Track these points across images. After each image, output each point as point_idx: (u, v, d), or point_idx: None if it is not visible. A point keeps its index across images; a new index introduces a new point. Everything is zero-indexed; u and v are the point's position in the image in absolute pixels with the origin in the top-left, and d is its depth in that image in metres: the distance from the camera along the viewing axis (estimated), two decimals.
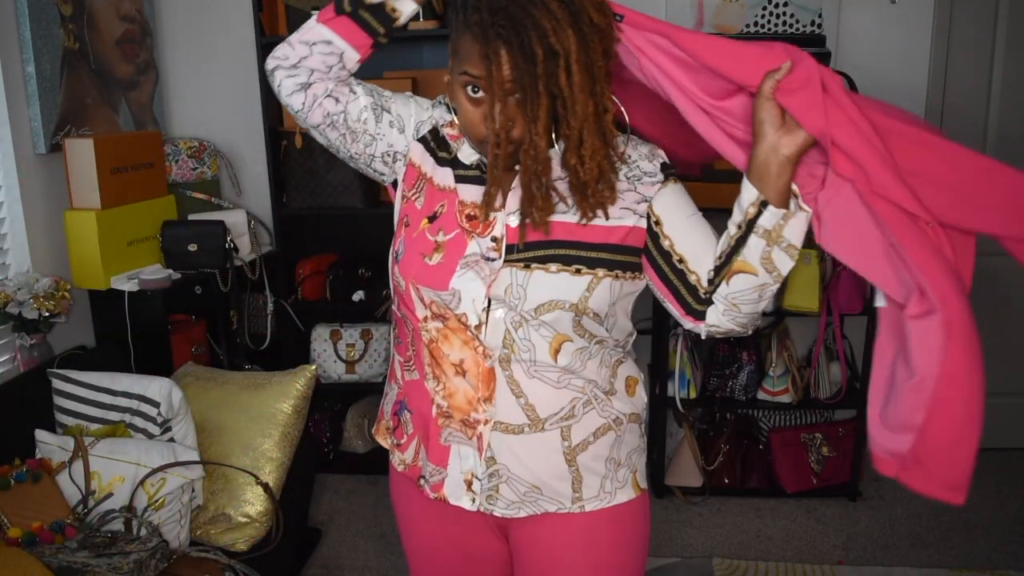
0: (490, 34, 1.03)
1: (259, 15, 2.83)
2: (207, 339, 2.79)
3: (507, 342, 1.17)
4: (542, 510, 1.25)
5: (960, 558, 2.62)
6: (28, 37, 2.28)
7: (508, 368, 1.18)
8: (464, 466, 1.24)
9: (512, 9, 1.02)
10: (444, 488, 1.26)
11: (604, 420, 1.24)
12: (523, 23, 1.01)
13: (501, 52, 1.03)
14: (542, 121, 1.05)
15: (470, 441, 1.22)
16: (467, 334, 1.18)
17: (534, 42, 1.01)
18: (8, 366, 2.27)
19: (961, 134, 3.02)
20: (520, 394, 1.19)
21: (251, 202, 3.13)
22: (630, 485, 1.28)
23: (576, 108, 1.04)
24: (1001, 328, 3.21)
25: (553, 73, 1.02)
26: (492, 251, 1.17)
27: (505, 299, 1.16)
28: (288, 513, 2.17)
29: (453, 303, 1.17)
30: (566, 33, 1.02)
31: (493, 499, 1.24)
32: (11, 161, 2.28)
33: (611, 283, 1.17)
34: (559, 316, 1.16)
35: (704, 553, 2.67)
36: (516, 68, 1.03)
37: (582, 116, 1.05)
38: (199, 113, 3.12)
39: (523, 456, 1.21)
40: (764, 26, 2.94)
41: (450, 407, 1.22)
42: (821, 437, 2.98)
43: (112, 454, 1.89)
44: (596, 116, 1.07)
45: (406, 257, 1.21)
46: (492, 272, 1.16)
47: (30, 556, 1.58)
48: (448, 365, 1.21)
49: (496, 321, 1.16)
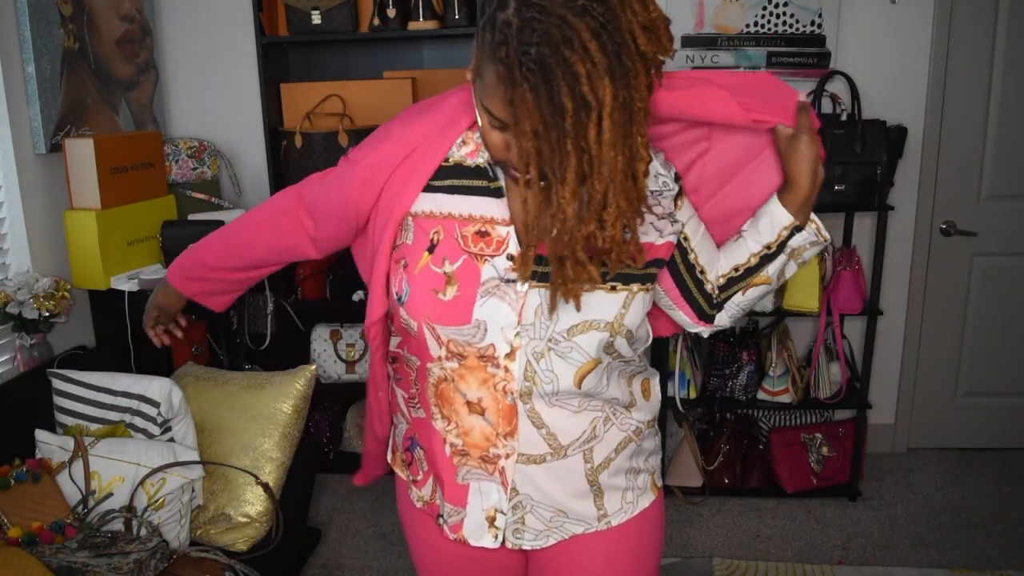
0: (516, 77, 0.89)
1: (259, 15, 2.83)
2: (207, 339, 2.79)
3: (528, 374, 1.11)
4: (569, 534, 1.22)
5: (960, 558, 2.62)
6: (28, 37, 2.28)
7: (529, 401, 1.13)
8: (486, 503, 1.19)
9: (543, 48, 0.87)
10: (463, 529, 1.21)
11: (624, 433, 1.21)
12: (553, 69, 0.87)
13: (528, 98, 0.89)
14: (570, 184, 0.91)
15: (492, 477, 1.17)
16: (487, 371, 1.11)
17: (563, 93, 0.87)
18: (8, 366, 2.27)
19: (961, 134, 3.02)
20: (541, 425, 1.14)
21: (251, 202, 3.13)
22: (649, 489, 1.27)
23: (603, 169, 0.91)
24: (1001, 328, 3.21)
25: (583, 127, 0.89)
26: (511, 271, 1.08)
27: (535, 321, 1.08)
28: (288, 513, 2.17)
29: (477, 336, 1.10)
30: (602, 82, 0.87)
31: (520, 532, 1.21)
32: (11, 161, 2.28)
33: (643, 297, 1.12)
34: (592, 337, 1.08)
35: (704, 553, 2.67)
36: (543, 122, 0.89)
37: (608, 176, 0.92)
38: (199, 113, 3.12)
39: (545, 484, 1.18)
40: (764, 26, 2.94)
41: (465, 445, 1.17)
42: (821, 437, 2.98)
43: (112, 454, 1.89)
44: (625, 173, 0.93)
45: (414, 296, 1.11)
46: (519, 295, 1.08)
47: (30, 556, 1.58)
48: (461, 404, 1.15)
49: (522, 349, 1.10)
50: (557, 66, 0.87)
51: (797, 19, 2.93)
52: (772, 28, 2.94)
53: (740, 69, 2.97)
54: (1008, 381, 3.25)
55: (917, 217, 3.09)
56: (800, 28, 2.93)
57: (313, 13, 2.80)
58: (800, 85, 2.97)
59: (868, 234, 3.05)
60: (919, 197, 3.07)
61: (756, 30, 2.94)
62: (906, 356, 3.24)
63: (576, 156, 0.90)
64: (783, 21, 2.94)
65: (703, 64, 2.96)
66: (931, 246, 3.10)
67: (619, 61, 0.88)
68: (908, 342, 3.22)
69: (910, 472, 3.18)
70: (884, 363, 3.21)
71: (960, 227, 3.06)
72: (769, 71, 1.06)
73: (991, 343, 3.22)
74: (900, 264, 3.12)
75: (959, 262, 3.13)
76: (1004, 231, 3.10)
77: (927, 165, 3.04)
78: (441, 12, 2.83)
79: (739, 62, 2.96)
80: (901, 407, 3.29)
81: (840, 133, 2.71)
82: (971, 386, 3.28)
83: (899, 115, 2.95)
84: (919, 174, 3.05)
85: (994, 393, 3.28)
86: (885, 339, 3.17)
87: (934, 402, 3.30)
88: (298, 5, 2.80)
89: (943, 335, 3.22)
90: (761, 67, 2.96)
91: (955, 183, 3.07)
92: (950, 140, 3.03)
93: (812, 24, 2.93)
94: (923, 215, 3.08)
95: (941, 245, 3.11)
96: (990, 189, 3.08)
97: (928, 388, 3.28)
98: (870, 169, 2.71)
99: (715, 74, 1.11)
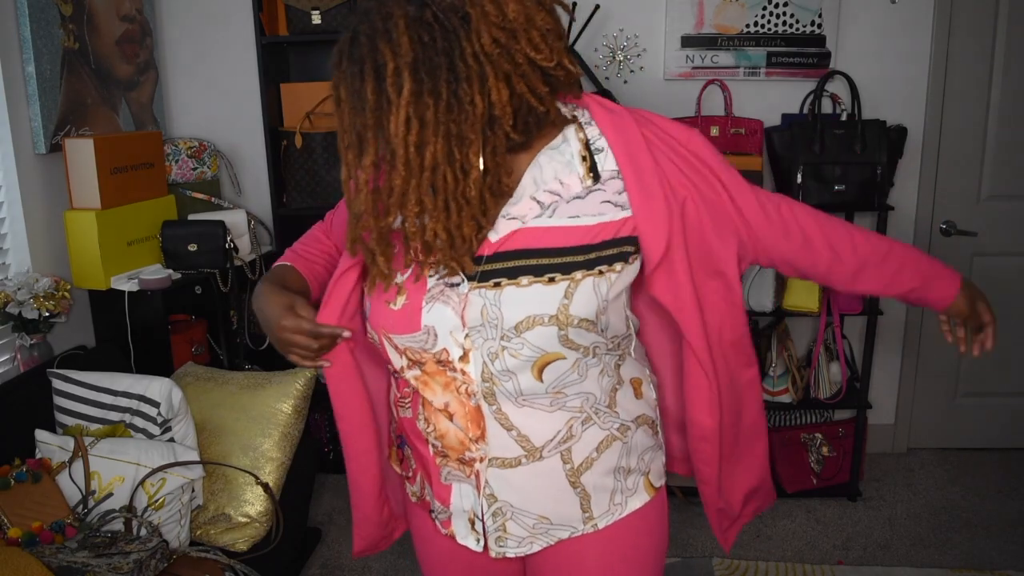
0: (339, 62, 0.97)
1: (259, 15, 2.83)
2: (207, 339, 2.78)
3: (486, 375, 1.09)
4: (555, 539, 1.20)
5: (960, 558, 2.62)
6: (28, 37, 2.28)
7: (494, 403, 1.11)
8: (465, 504, 1.19)
9: (362, 38, 0.94)
10: (452, 525, 1.23)
11: (607, 432, 1.17)
12: (364, 59, 0.93)
13: (341, 85, 0.96)
14: (366, 171, 0.97)
15: (469, 480, 1.17)
16: (447, 375, 1.11)
17: (368, 84, 0.93)
18: (8, 366, 2.27)
19: (961, 134, 3.02)
20: (511, 427, 1.13)
21: (251, 202, 3.13)
22: (642, 489, 1.23)
23: (398, 165, 0.94)
24: (1001, 328, 3.19)
25: (384, 118, 0.93)
26: (454, 277, 1.08)
27: (484, 322, 1.07)
28: (288, 513, 2.17)
29: (429, 342, 1.10)
30: (405, 77, 0.91)
31: (503, 540, 1.19)
32: (11, 161, 2.28)
33: (595, 283, 1.07)
34: (541, 332, 1.06)
35: (704, 553, 2.67)
36: (351, 109, 0.96)
37: (405, 173, 0.95)
38: (199, 113, 3.12)
39: (524, 489, 1.16)
40: (764, 26, 2.94)
41: (444, 447, 1.17)
42: (821, 437, 2.98)
43: (112, 454, 1.89)
44: (435, 171, 0.95)
45: (373, 309, 1.13)
46: (460, 297, 1.07)
47: (30, 556, 1.58)
48: (434, 409, 1.15)
49: (476, 350, 1.09)
50: (368, 56, 0.92)
51: (797, 19, 2.93)
52: (772, 28, 2.94)
53: (740, 69, 2.97)
54: (1008, 381, 3.25)
55: (917, 217, 3.09)
56: (800, 28, 2.93)
57: (313, 13, 2.80)
58: (800, 85, 2.97)
59: None
60: (919, 197, 3.07)
61: (756, 30, 2.94)
62: (906, 356, 3.24)
63: (374, 146, 0.94)
64: (783, 21, 2.94)
65: (703, 64, 2.96)
66: (931, 246, 3.10)
67: (436, 59, 0.91)
68: (908, 342, 3.22)
69: (910, 472, 3.18)
70: (884, 363, 3.21)
71: (960, 227, 3.06)
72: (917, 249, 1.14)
73: None
74: None
75: (959, 262, 3.13)
76: (1004, 231, 3.10)
77: (927, 165, 3.04)
78: None
79: (739, 62, 2.96)
80: (901, 407, 3.29)
81: (840, 133, 2.72)
82: (971, 386, 3.28)
83: (899, 115, 2.95)
84: (919, 174, 3.05)
85: (994, 393, 3.28)
86: (885, 339, 3.17)
87: (934, 402, 3.30)
88: (298, 5, 2.80)
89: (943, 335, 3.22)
90: (761, 67, 2.96)
91: (955, 183, 3.07)
92: (950, 140, 3.03)
93: (812, 24, 2.93)
94: (923, 215, 3.08)
95: (941, 245, 3.11)
96: (990, 189, 3.08)
97: (928, 388, 3.28)
98: (870, 169, 2.71)
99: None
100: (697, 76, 2.97)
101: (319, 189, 2.89)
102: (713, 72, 2.97)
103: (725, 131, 2.82)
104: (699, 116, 2.88)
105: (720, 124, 2.83)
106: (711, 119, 2.85)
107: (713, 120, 2.84)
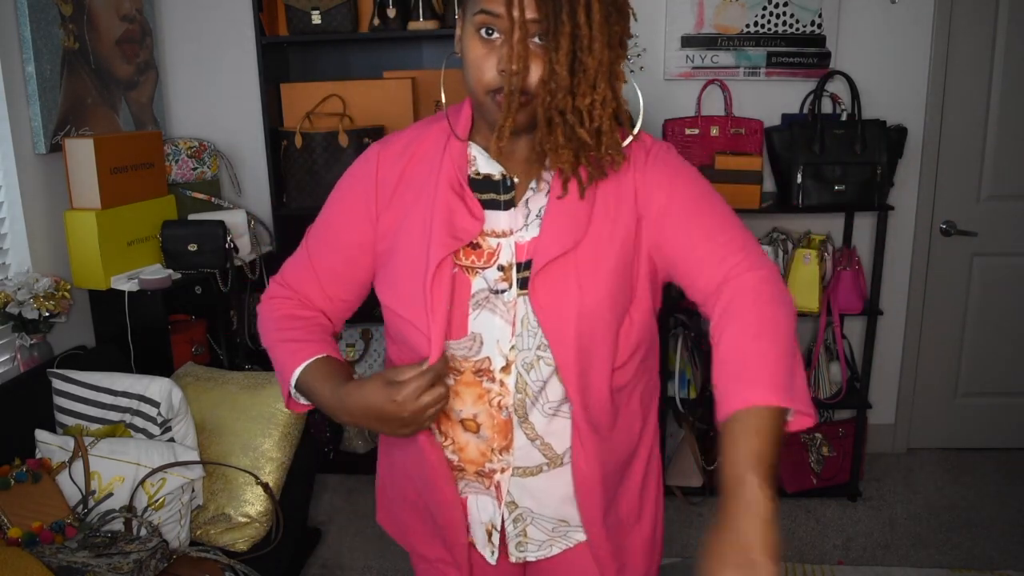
0: None
1: (259, 15, 2.83)
2: (207, 339, 2.78)
3: (520, 386, 1.09)
4: (575, 542, 1.21)
5: (960, 558, 2.62)
6: (28, 37, 2.28)
7: (524, 415, 1.11)
8: (483, 517, 1.19)
9: None
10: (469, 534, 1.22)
11: None
12: None
13: None
14: (564, 49, 0.95)
15: (488, 491, 1.17)
16: (482, 387, 1.10)
17: None
18: (8, 366, 2.27)
19: (961, 134, 3.02)
20: (535, 436, 1.13)
21: (251, 202, 3.13)
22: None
23: (594, 46, 0.95)
24: (1001, 328, 3.21)
25: (574, 6, 0.94)
26: (501, 282, 1.07)
27: (523, 330, 1.07)
28: (288, 513, 2.17)
29: (473, 350, 1.09)
30: None
31: (523, 545, 1.20)
32: (11, 161, 2.28)
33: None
34: None
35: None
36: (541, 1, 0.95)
37: (599, 57, 0.96)
38: (199, 113, 3.12)
39: (543, 495, 1.17)
40: (764, 26, 2.94)
41: (461, 461, 1.16)
42: (821, 437, 2.98)
43: (112, 454, 1.89)
44: (611, 64, 0.97)
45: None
46: (508, 306, 1.07)
47: (30, 556, 1.58)
48: (455, 422, 1.13)
49: (515, 361, 1.08)
50: None
51: (797, 19, 2.93)
52: (772, 28, 2.94)
53: (740, 69, 2.97)
54: (1008, 381, 3.25)
55: (917, 217, 3.09)
56: (800, 28, 2.93)
57: (313, 13, 2.80)
58: (800, 85, 2.97)
59: (868, 234, 3.05)
60: (919, 197, 3.07)
61: (756, 30, 2.94)
62: (906, 356, 3.24)
63: (571, 26, 0.95)
64: (783, 21, 2.94)
65: (703, 64, 2.96)
66: (931, 246, 3.10)
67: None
68: (908, 342, 3.22)
69: (910, 472, 3.18)
70: (884, 363, 3.21)
71: (960, 227, 3.06)
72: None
73: (991, 343, 3.22)
74: (900, 264, 3.12)
75: (959, 262, 3.13)
76: (1004, 231, 3.10)
77: (927, 165, 3.04)
78: (441, 12, 2.83)
79: (739, 62, 2.96)
80: (901, 407, 3.29)
81: (840, 133, 2.72)
82: (971, 386, 3.28)
83: (899, 115, 2.95)
84: (919, 174, 3.05)
85: (994, 393, 3.28)
86: (885, 339, 3.17)
87: (934, 402, 3.30)
88: (298, 5, 2.80)
89: (943, 335, 3.22)
90: (761, 67, 2.96)
91: (955, 183, 3.07)
92: (950, 140, 3.03)
93: (812, 24, 2.93)
94: (923, 215, 3.08)
95: (941, 245, 3.11)
96: (990, 189, 3.08)
97: (928, 388, 3.28)
98: (870, 169, 2.71)
99: None
100: (697, 76, 2.97)
101: (319, 189, 2.89)
102: (713, 72, 2.97)
103: (725, 131, 2.82)
104: (699, 116, 2.88)
105: (720, 124, 2.83)
106: (711, 119, 2.85)
107: (713, 120, 2.84)
